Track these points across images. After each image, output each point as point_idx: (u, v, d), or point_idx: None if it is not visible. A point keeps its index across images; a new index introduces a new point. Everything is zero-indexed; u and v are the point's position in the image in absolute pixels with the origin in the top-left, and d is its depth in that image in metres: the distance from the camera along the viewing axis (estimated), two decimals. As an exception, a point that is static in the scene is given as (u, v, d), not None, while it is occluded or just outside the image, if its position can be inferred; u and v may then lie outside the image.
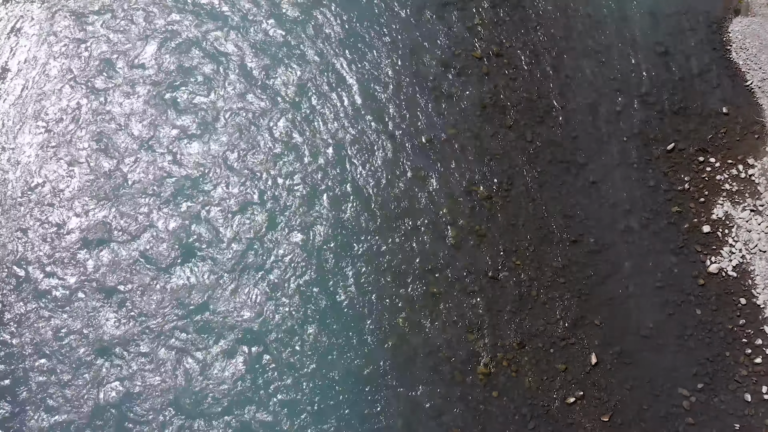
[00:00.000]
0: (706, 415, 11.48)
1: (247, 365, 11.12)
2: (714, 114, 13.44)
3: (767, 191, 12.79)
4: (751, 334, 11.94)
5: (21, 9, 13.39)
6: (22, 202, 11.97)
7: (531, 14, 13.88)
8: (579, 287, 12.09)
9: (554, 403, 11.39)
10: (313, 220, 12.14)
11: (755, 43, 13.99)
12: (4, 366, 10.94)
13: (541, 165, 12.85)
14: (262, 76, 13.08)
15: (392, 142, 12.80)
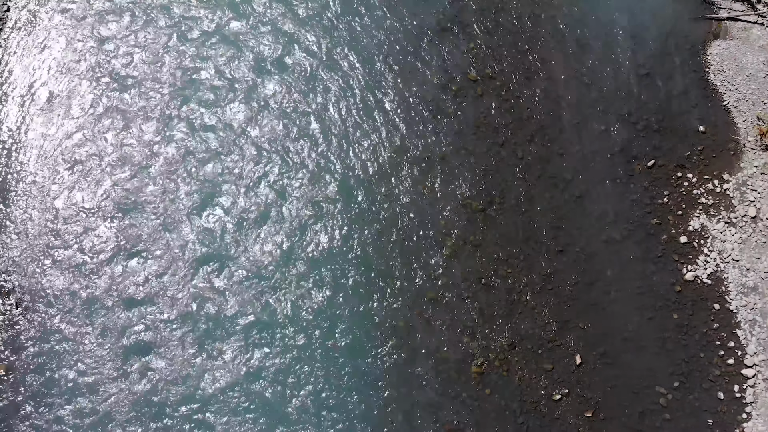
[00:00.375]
0: (682, 412, 12.47)
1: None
2: (692, 132, 14.46)
3: (741, 205, 13.80)
4: (724, 337, 12.93)
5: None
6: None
7: (522, 39, 14.90)
8: (565, 293, 13.10)
9: (542, 400, 12.39)
10: (317, 237, 13.16)
11: (732, 65, 15.01)
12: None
13: (531, 180, 13.87)
14: (260, 96, 14.13)
15: (394, 158, 13.83)
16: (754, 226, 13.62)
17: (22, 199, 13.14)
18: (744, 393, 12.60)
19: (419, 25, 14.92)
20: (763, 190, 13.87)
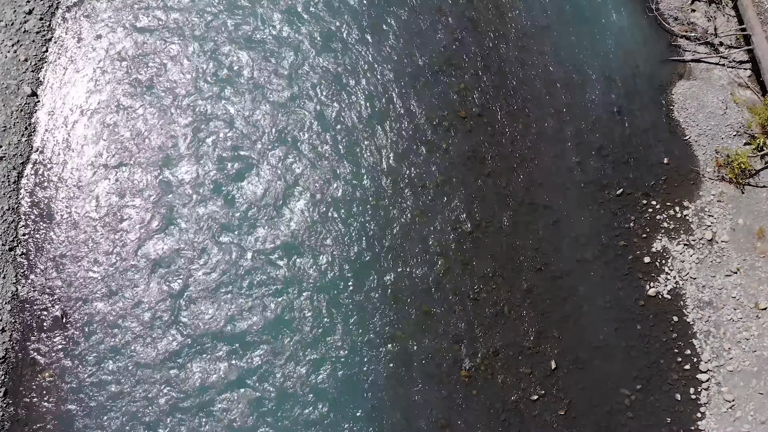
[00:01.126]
0: (644, 411, 14.26)
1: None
2: (657, 164, 16.31)
3: (699, 229, 15.63)
4: (681, 345, 14.73)
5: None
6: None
7: (506, 81, 16.83)
8: (543, 306, 14.94)
9: (521, 400, 14.20)
10: (318, 257, 15.08)
11: (694, 103, 16.87)
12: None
13: (514, 206, 15.75)
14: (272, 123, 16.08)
15: (393, 187, 15.75)
16: (710, 247, 15.46)
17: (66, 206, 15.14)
18: (699, 395, 14.39)
19: (416, 68, 16.86)
20: (718, 216, 15.71)
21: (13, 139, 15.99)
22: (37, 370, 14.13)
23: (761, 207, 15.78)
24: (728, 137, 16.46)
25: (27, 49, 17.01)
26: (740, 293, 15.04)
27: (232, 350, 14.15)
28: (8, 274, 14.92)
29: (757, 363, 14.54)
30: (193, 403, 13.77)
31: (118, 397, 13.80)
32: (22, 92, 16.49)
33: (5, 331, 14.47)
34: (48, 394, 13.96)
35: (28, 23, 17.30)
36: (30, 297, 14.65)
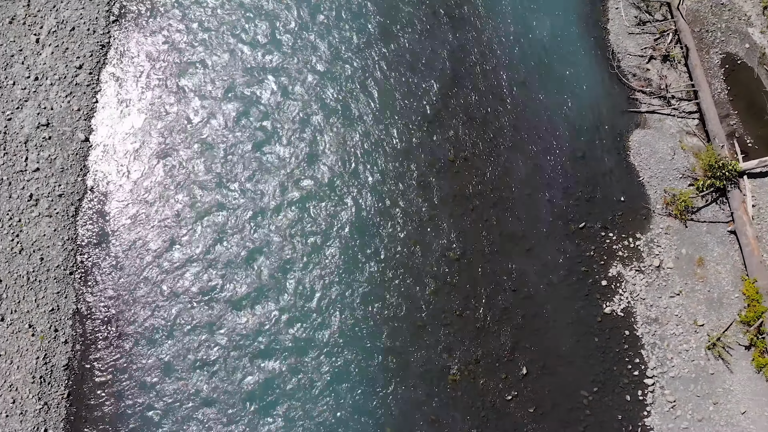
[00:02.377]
0: (599, 409, 17.14)
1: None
2: (615, 201, 19.31)
3: (648, 257, 18.61)
4: (632, 355, 17.65)
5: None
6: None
7: (490, 130, 19.80)
8: (516, 321, 17.85)
9: (498, 400, 17.06)
10: (322, 280, 17.96)
11: (647, 149, 19.89)
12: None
13: (494, 237, 18.67)
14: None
15: (392, 220, 18.66)
16: (657, 273, 18.43)
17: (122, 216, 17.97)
18: (645, 396, 17.31)
19: (411, 117, 19.83)
20: (665, 246, 18.69)
21: (70, 179, 18.86)
22: (94, 375, 16.96)
23: (701, 239, 18.79)
24: (675, 179, 19.48)
25: (79, 99, 19.90)
26: (682, 312, 18.02)
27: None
28: (69, 295, 17.77)
29: (694, 370, 17.49)
30: (231, 402, 16.61)
31: (162, 401, 16.62)
32: (77, 138, 19.38)
33: (68, 343, 17.31)
34: (104, 397, 16.77)
35: (79, 77, 20.22)
36: (88, 313, 17.49)
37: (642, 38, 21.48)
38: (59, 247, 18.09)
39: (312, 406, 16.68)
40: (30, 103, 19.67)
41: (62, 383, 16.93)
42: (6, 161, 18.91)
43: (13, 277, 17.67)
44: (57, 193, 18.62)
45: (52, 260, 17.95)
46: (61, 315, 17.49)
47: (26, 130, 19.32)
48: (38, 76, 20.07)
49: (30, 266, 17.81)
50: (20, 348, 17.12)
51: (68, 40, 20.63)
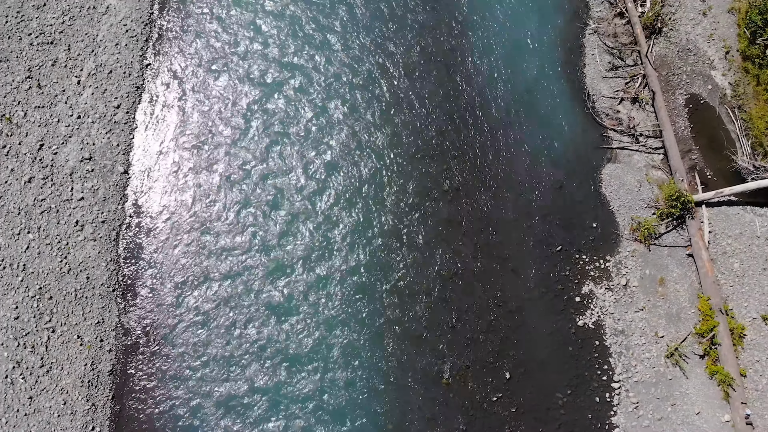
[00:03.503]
0: (572, 409, 19.77)
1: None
2: (588, 227, 22.02)
3: (617, 276, 21.30)
4: (600, 362, 20.31)
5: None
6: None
7: (479, 163, 22.51)
8: (502, 333, 20.50)
9: (484, 401, 19.70)
10: (331, 300, 20.59)
11: (617, 182, 22.61)
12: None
13: (483, 258, 21.36)
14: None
15: (392, 243, 21.32)
16: (624, 291, 21.13)
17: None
18: (612, 398, 19.94)
19: (411, 152, 22.53)
20: (631, 267, 21.39)
21: (111, 207, 21.49)
22: (135, 379, 19.54)
23: (663, 261, 21.50)
24: (641, 208, 22.21)
25: (118, 136, 22.56)
26: (645, 325, 20.70)
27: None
28: (112, 309, 20.36)
29: (655, 376, 20.15)
30: (255, 402, 19.18)
31: (195, 402, 19.20)
32: (116, 170, 22.02)
33: (112, 351, 19.90)
34: (144, 398, 19.34)
35: (117, 115, 22.88)
36: (129, 325, 20.09)
37: (614, 82, 24.26)
38: (103, 267, 20.70)
39: (323, 406, 19.27)
40: (74, 139, 22.31)
41: (107, 386, 19.52)
42: (54, 191, 21.54)
43: (62, 294, 20.28)
44: (100, 219, 21.24)
45: (97, 279, 20.56)
46: (106, 327, 20.09)
47: (71, 163, 21.96)
48: (80, 114, 22.72)
49: (77, 284, 20.42)
50: (70, 356, 19.71)
51: (106, 81, 23.31)
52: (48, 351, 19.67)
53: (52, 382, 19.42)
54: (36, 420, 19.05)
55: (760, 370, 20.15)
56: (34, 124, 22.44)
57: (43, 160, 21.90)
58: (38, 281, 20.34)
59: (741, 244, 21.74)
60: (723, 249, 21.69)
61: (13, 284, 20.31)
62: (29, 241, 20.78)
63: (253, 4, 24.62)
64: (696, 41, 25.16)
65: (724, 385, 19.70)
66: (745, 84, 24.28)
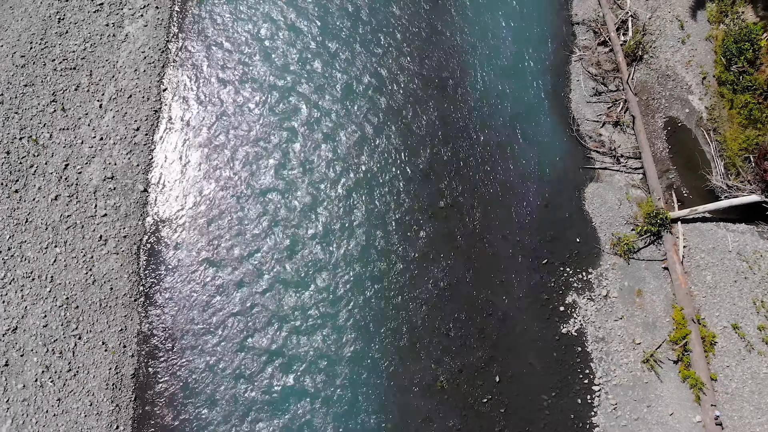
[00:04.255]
0: (557, 410, 21.56)
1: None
2: (572, 242, 23.85)
3: (598, 288, 23.13)
4: (582, 367, 22.10)
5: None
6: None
7: (473, 183, 24.34)
8: (492, 340, 22.29)
9: (476, 402, 21.47)
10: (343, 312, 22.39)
11: (599, 200, 24.46)
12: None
13: (474, 270, 23.14)
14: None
15: (393, 255, 23.13)
16: (605, 301, 22.95)
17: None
18: (593, 400, 21.73)
19: (410, 173, 24.35)
20: (611, 279, 23.22)
21: (132, 223, 23.26)
22: (156, 382, 21.28)
23: (640, 274, 23.34)
24: (620, 225, 24.06)
25: (138, 156, 24.35)
26: (623, 332, 22.52)
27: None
28: (134, 317, 22.12)
29: (632, 379, 21.95)
30: (263, 409, 20.94)
31: (211, 404, 20.94)
32: (137, 189, 23.79)
33: (134, 356, 21.65)
34: (163, 400, 21.08)
35: (137, 137, 24.67)
36: (149, 332, 21.85)
37: (598, 106, 26.14)
38: (125, 278, 22.47)
39: (326, 407, 21.03)
40: (97, 159, 24.10)
41: (130, 389, 21.26)
42: (79, 208, 23.31)
43: (88, 304, 22.03)
44: (122, 234, 23.02)
45: (120, 289, 22.32)
46: (128, 334, 21.85)
47: (95, 182, 23.74)
48: (102, 136, 24.52)
49: (102, 294, 22.19)
50: (95, 361, 21.46)
51: (126, 105, 25.12)
52: (75, 356, 21.41)
53: (79, 385, 21.15)
54: (64, 420, 20.76)
55: (730, 374, 21.93)
56: (59, 145, 24.21)
57: (69, 179, 23.67)
58: (65, 292, 22.09)
59: (714, 258, 23.56)
60: (697, 263, 23.52)
61: (42, 294, 22.05)
62: (56, 255, 22.53)
63: (261, 36, 26.46)
64: (675, 67, 27.07)
65: (695, 389, 21.50)
66: (720, 108, 26.17)
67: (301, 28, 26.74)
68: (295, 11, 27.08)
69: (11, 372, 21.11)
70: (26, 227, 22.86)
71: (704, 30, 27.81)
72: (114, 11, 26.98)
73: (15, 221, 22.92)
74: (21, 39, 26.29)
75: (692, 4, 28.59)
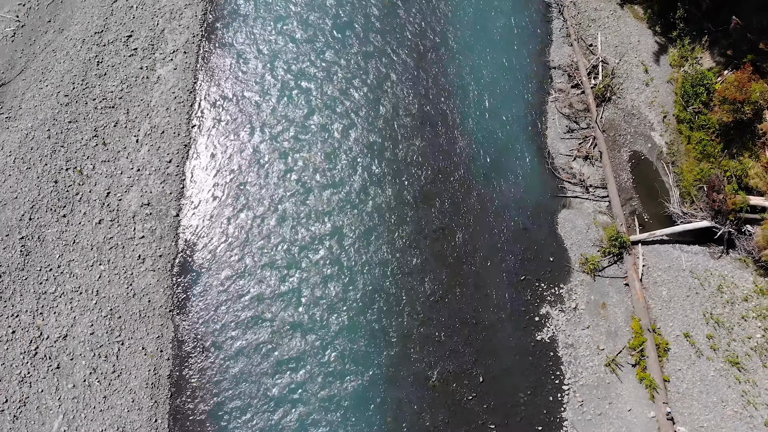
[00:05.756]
0: (531, 406, 25.10)
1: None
2: (546, 261, 27.57)
3: (568, 301, 26.81)
4: (554, 369, 25.73)
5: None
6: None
7: (461, 209, 28.11)
8: (476, 346, 25.90)
9: (463, 399, 25.07)
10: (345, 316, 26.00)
11: (570, 224, 28.18)
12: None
13: (463, 285, 26.79)
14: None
15: (389, 271, 26.78)
16: (574, 312, 26.63)
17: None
18: (563, 398, 25.30)
19: (406, 199, 28.08)
20: (580, 293, 26.91)
21: (167, 244, 26.86)
22: (189, 381, 24.80)
23: (605, 289, 27.05)
24: (588, 246, 27.80)
25: (170, 185, 27.98)
26: (589, 339, 26.18)
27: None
28: (169, 326, 25.67)
29: (597, 380, 25.57)
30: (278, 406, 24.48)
31: (239, 400, 24.48)
32: (170, 214, 27.41)
33: (169, 359, 25.17)
34: (196, 397, 24.60)
35: (169, 168, 28.31)
36: (182, 338, 25.39)
37: (570, 142, 29.96)
38: (161, 292, 26.03)
39: (335, 403, 24.59)
40: (135, 188, 27.73)
41: (166, 387, 24.75)
42: (120, 231, 26.91)
43: (129, 314, 25.58)
44: (158, 254, 26.61)
45: (156, 301, 25.88)
46: (164, 340, 25.38)
47: (133, 208, 27.35)
48: (139, 167, 28.16)
49: (141, 306, 25.74)
50: (136, 363, 24.97)
51: (160, 140, 28.78)
52: (118, 359, 24.93)
53: (123, 385, 24.65)
54: (109, 415, 24.25)
55: (681, 376, 25.58)
56: (102, 175, 27.84)
57: (110, 205, 27.28)
58: (109, 304, 25.64)
59: (669, 276, 27.30)
60: (654, 279, 27.26)
61: (89, 306, 25.60)
62: (101, 272, 26.10)
63: (276, 80, 30.22)
64: (639, 107, 30.94)
65: (650, 389, 25.13)
66: (679, 143, 30.01)
67: (315, 62, 30.52)
68: (302, 43, 30.88)
69: (62, 373, 24.61)
70: (74, 247, 26.44)
71: (666, 73, 31.68)
72: (147, 55, 30.70)
73: (64, 242, 26.49)
74: (64, 80, 29.99)
75: (656, 50, 32.52)
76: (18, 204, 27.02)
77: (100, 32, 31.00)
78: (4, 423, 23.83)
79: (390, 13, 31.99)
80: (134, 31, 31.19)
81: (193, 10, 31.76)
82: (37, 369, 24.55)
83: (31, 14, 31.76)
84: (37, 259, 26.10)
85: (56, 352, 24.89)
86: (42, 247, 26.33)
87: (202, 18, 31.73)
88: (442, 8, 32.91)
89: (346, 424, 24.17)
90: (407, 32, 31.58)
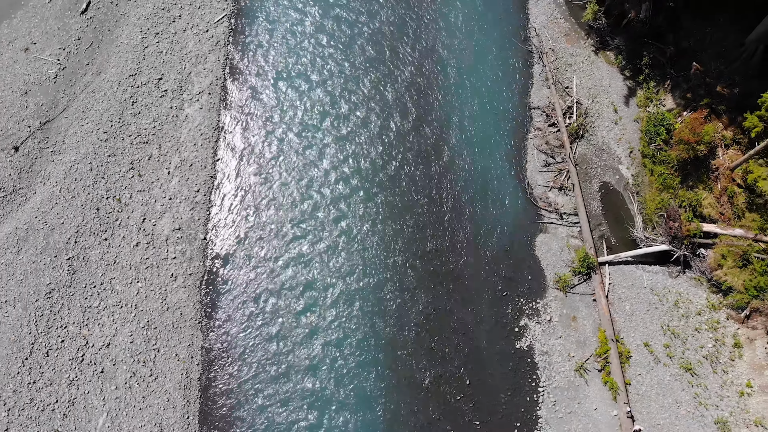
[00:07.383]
0: (511, 405, 29.11)
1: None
2: (525, 279, 31.72)
3: (544, 314, 30.89)
4: (531, 373, 29.73)
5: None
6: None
7: (449, 235, 32.24)
8: (465, 352, 29.90)
9: (452, 399, 29.08)
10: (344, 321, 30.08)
11: (546, 247, 32.31)
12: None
13: (452, 300, 30.85)
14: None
15: (389, 290, 30.85)
16: (549, 324, 30.70)
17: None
18: (538, 398, 29.31)
19: (401, 222, 32.21)
20: (554, 308, 31.00)
21: (196, 264, 30.89)
22: (216, 384, 28.73)
23: (575, 304, 31.14)
24: (562, 266, 31.92)
25: (198, 212, 32.04)
26: (562, 348, 30.24)
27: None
28: (199, 336, 29.65)
29: (568, 383, 29.60)
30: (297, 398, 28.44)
31: (264, 402, 28.40)
32: (198, 237, 31.46)
33: (199, 364, 29.13)
34: (223, 398, 28.54)
35: (197, 197, 32.39)
36: (210, 346, 29.37)
37: (547, 175, 34.16)
38: (191, 306, 30.02)
39: (339, 402, 28.55)
40: (167, 215, 31.77)
41: (196, 389, 28.69)
42: (154, 252, 30.93)
43: (164, 325, 29.55)
44: (188, 272, 30.62)
45: (187, 314, 29.86)
46: (195, 348, 29.35)
47: (166, 232, 31.38)
48: (171, 196, 32.21)
49: (174, 318, 29.72)
50: (171, 368, 28.91)
51: (188, 172, 32.86)
52: (155, 364, 28.87)
53: (159, 386, 28.58)
54: (148, 413, 28.15)
55: (641, 380, 29.62)
56: (138, 203, 31.88)
57: (146, 229, 31.30)
58: (146, 316, 29.61)
59: (632, 293, 31.42)
60: (619, 295, 31.39)
61: (128, 318, 29.57)
62: (139, 288, 30.09)
63: (294, 119, 34.41)
64: (609, 143, 35.17)
65: (613, 391, 29.18)
66: (643, 175, 34.19)
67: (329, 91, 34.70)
68: (313, 77, 35.08)
69: (106, 377, 28.53)
70: (114, 267, 30.43)
71: (633, 113, 35.93)
72: (176, 96, 34.84)
73: (105, 262, 30.48)
74: (103, 118, 34.08)
75: (625, 92, 36.80)
76: (65, 229, 30.99)
77: (134, 75, 35.12)
78: (54, 421, 27.70)
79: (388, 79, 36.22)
80: (164, 74, 35.33)
81: (216, 54, 35.94)
82: (83, 373, 28.43)
83: (71, 58, 35.85)
84: (82, 277, 30.05)
85: (100, 358, 28.79)
86: (86, 267, 30.29)
87: (224, 62, 35.92)
88: (437, 55, 37.20)
89: (355, 419, 28.13)
90: (407, 96, 35.81)
